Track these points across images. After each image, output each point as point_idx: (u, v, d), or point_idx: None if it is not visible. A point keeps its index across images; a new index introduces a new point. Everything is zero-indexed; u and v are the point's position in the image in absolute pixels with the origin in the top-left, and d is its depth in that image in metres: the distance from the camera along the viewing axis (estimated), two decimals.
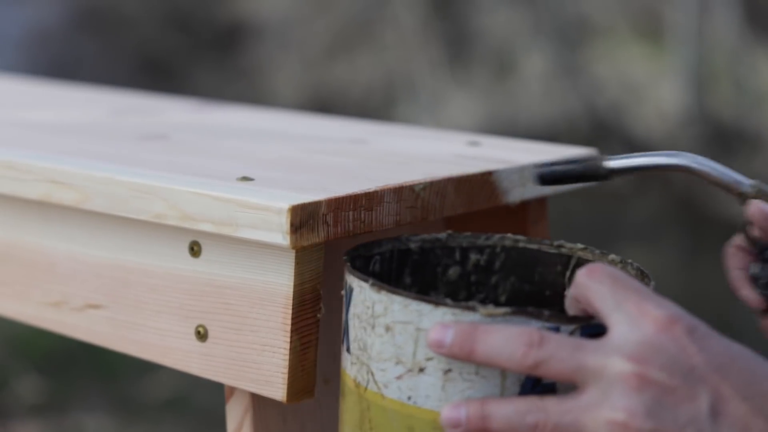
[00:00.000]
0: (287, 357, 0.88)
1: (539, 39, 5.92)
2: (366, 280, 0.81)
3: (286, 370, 0.88)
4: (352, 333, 0.83)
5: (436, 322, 0.77)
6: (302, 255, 0.87)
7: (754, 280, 0.91)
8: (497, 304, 0.96)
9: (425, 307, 0.77)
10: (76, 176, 0.98)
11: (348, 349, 0.84)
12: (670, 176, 4.93)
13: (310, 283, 0.88)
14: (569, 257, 0.93)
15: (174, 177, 0.95)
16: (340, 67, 6.30)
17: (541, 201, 1.09)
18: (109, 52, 6.45)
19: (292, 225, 0.84)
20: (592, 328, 0.77)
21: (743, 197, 0.90)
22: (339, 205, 0.87)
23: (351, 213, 0.88)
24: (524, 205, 1.07)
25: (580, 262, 0.92)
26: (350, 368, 0.83)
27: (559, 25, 5.87)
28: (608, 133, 5.52)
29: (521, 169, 1.01)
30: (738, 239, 0.92)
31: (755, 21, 5.57)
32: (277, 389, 0.89)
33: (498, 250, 0.95)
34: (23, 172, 1.03)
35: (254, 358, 0.90)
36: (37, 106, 1.45)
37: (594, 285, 0.75)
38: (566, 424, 0.72)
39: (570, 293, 0.78)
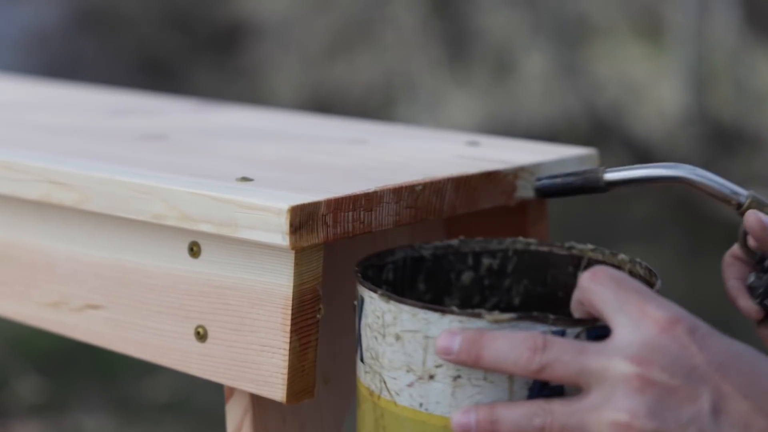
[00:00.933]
0: (287, 357, 0.88)
1: (539, 39, 5.92)
2: (375, 291, 0.82)
3: (285, 371, 0.88)
4: (365, 342, 0.85)
5: (443, 329, 0.78)
6: (302, 255, 0.87)
7: (751, 290, 0.91)
8: (511, 307, 0.98)
9: (433, 316, 0.79)
10: (75, 176, 0.98)
11: (361, 359, 0.86)
12: None
13: (310, 284, 0.88)
14: (580, 258, 0.94)
15: (173, 177, 0.95)
16: (340, 67, 6.29)
17: (540, 201, 1.09)
18: (108, 52, 6.45)
19: (291, 225, 0.84)
20: (598, 330, 0.78)
21: (741, 208, 0.91)
22: (338, 205, 0.87)
23: (350, 213, 0.88)
24: (524, 206, 1.07)
25: (591, 263, 0.93)
26: (364, 377, 0.85)
27: (559, 25, 5.87)
28: (608, 133, 5.52)
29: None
30: (735, 249, 0.92)
31: (755, 21, 5.57)
32: (276, 390, 0.89)
33: (510, 253, 0.97)
34: (23, 172, 1.03)
35: (254, 359, 0.90)
36: (37, 106, 1.45)
37: (597, 288, 0.76)
38: (572, 425, 0.74)
39: (574, 296, 0.79)
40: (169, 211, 0.92)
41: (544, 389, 0.78)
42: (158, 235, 0.96)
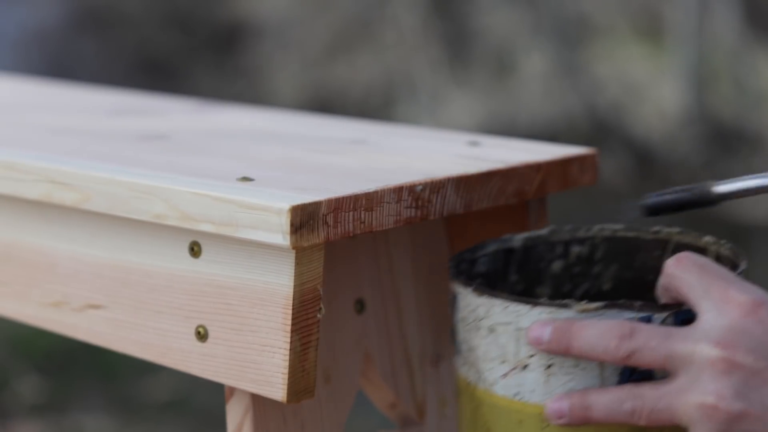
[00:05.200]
0: (287, 357, 0.88)
1: (539, 39, 5.92)
2: (468, 285, 0.86)
3: (286, 371, 0.88)
4: (460, 335, 0.89)
5: (534, 321, 0.82)
6: (302, 255, 0.87)
7: None
8: (601, 292, 1.00)
9: (523, 308, 0.83)
10: (76, 176, 0.98)
11: (458, 351, 0.90)
12: (670, 175, 4.93)
13: (311, 284, 0.88)
14: (667, 241, 0.96)
15: (174, 177, 0.95)
16: (340, 67, 6.29)
17: (541, 200, 1.09)
18: (108, 52, 6.45)
19: (292, 225, 0.84)
20: (684, 314, 0.80)
21: None
22: (339, 205, 0.87)
23: (351, 213, 0.88)
24: (524, 205, 1.07)
25: (678, 246, 0.96)
26: (461, 369, 0.90)
27: (559, 25, 5.87)
28: (608, 132, 5.52)
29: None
30: None
31: (755, 21, 5.57)
32: (277, 389, 0.89)
33: (598, 240, 0.99)
34: (23, 172, 1.03)
35: (254, 359, 0.90)
36: (37, 106, 1.45)
37: (682, 274, 0.79)
38: (660, 409, 0.77)
39: (659, 283, 0.82)
40: (170, 211, 0.92)
41: (634, 375, 0.81)
42: (159, 235, 0.96)
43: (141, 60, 6.46)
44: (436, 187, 0.94)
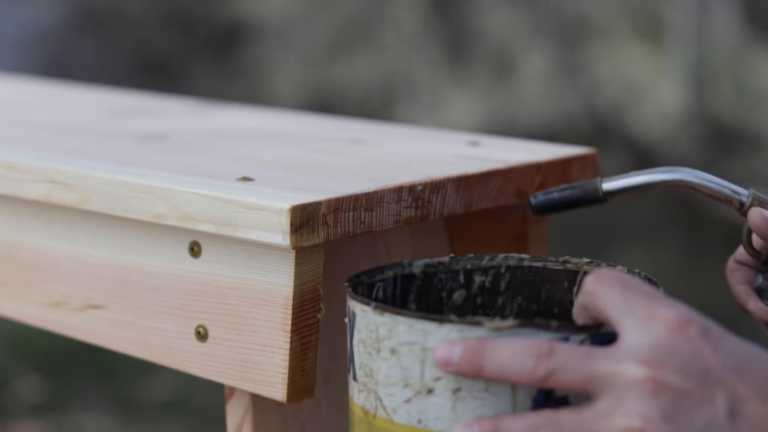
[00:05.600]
0: (287, 357, 0.88)
1: (539, 39, 5.93)
2: (368, 304, 0.79)
3: (286, 371, 0.88)
4: (358, 360, 0.82)
5: (442, 340, 0.75)
6: (302, 255, 0.87)
7: (760, 292, 0.90)
8: None
9: (430, 326, 0.76)
10: (76, 176, 0.98)
11: (354, 377, 0.82)
12: None
13: (310, 284, 0.88)
14: (576, 272, 0.91)
15: (174, 177, 0.95)
16: (340, 67, 6.30)
17: None
18: (107, 52, 6.45)
19: (292, 225, 0.84)
20: (603, 336, 0.75)
21: (743, 208, 0.89)
22: (339, 205, 0.87)
23: (351, 213, 0.88)
24: (524, 206, 1.07)
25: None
26: (357, 396, 0.82)
27: (559, 25, 5.88)
28: (608, 133, 5.52)
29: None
30: (738, 254, 0.91)
31: (755, 21, 5.58)
32: (277, 389, 0.89)
33: (503, 270, 0.93)
34: (23, 172, 1.03)
35: (254, 359, 0.90)
36: (37, 106, 1.45)
37: (603, 290, 0.73)
38: None
39: (578, 301, 0.76)
40: (170, 211, 0.92)
41: (548, 400, 0.75)
42: (159, 235, 0.96)
43: (141, 60, 6.46)
44: (436, 187, 0.94)
